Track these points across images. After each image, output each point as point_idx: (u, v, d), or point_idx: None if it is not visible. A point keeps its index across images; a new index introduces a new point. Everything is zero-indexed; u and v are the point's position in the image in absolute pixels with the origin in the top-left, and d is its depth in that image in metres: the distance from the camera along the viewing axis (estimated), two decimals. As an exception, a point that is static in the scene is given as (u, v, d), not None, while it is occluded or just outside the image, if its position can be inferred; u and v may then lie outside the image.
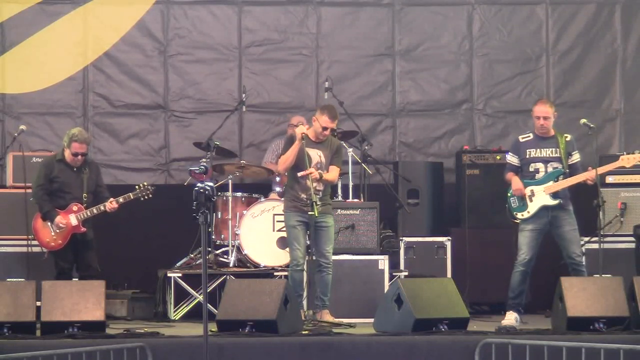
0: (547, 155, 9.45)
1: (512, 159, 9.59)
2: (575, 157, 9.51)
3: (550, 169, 9.42)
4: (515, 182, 9.45)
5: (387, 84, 11.87)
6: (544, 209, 9.35)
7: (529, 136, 9.59)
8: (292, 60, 11.79)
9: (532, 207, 9.38)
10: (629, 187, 10.69)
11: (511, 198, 9.48)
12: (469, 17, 11.91)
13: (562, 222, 9.35)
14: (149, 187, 9.74)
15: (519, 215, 9.43)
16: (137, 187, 9.73)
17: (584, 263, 9.36)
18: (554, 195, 9.35)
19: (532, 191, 9.39)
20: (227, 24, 11.75)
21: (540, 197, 9.37)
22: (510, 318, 9.33)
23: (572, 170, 9.45)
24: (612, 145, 11.65)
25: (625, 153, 9.71)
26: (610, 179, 10.68)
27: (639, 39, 11.93)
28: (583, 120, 9.87)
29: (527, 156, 9.47)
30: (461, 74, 11.91)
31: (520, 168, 9.52)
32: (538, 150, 9.47)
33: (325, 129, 9.26)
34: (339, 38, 11.83)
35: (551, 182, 9.38)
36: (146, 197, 9.71)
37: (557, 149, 9.43)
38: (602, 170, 9.48)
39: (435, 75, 11.90)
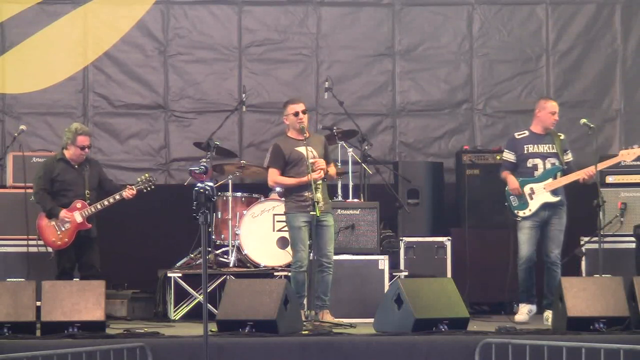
0: (545, 151, 9.53)
1: (508, 155, 9.67)
2: (569, 156, 9.62)
3: (548, 165, 9.49)
4: (511, 182, 9.53)
5: (387, 84, 11.87)
6: (545, 206, 9.41)
7: (524, 133, 9.69)
8: (292, 60, 11.80)
9: (534, 205, 9.45)
10: (629, 187, 10.70)
11: (510, 197, 9.54)
12: (469, 17, 11.91)
13: (554, 221, 9.48)
14: (151, 177, 9.76)
15: (521, 214, 9.51)
16: (139, 179, 9.75)
17: (559, 264, 9.45)
18: (554, 192, 9.42)
19: (531, 189, 9.45)
20: (227, 24, 11.76)
21: (541, 194, 9.43)
22: (523, 311, 9.51)
23: (568, 169, 9.55)
24: (612, 145, 11.65)
25: (624, 148, 9.78)
26: (610, 179, 10.70)
27: (639, 39, 11.93)
28: (583, 120, 9.89)
29: (525, 152, 9.55)
30: (461, 74, 11.91)
31: (517, 165, 9.58)
32: (536, 146, 9.55)
33: (296, 114, 9.29)
34: (339, 38, 11.83)
35: (550, 179, 9.45)
36: (149, 189, 9.72)
37: (554, 145, 9.51)
38: (602, 165, 9.52)
39: (435, 75, 11.90)
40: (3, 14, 11.44)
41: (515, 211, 9.54)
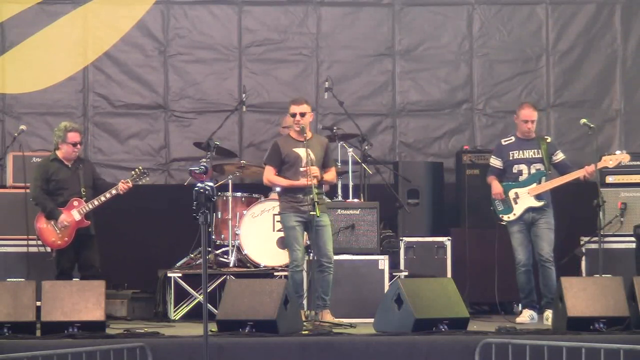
0: (530, 157, 9.64)
1: (495, 162, 9.81)
2: (560, 156, 9.69)
3: (533, 170, 9.60)
4: (495, 187, 9.69)
5: (387, 84, 11.87)
6: (529, 209, 9.49)
7: (511, 139, 9.80)
8: (292, 60, 11.79)
9: (518, 210, 9.58)
10: (629, 187, 10.70)
11: (495, 201, 9.64)
12: (469, 17, 11.91)
13: (541, 222, 9.57)
14: (145, 170, 9.78)
15: (505, 218, 9.66)
16: (132, 172, 9.78)
17: (552, 260, 9.50)
18: (538, 196, 9.50)
19: (516, 193, 9.58)
20: (227, 24, 11.75)
21: (525, 199, 9.54)
22: (525, 315, 9.57)
23: (563, 167, 9.67)
24: (612, 145, 11.64)
25: (607, 153, 9.82)
26: (610, 179, 10.70)
27: (639, 39, 11.93)
28: (583, 120, 9.92)
29: (511, 158, 9.67)
30: (461, 74, 11.91)
31: (504, 170, 9.68)
32: (521, 152, 9.66)
33: (294, 115, 9.27)
34: (339, 38, 11.83)
35: (534, 184, 9.54)
36: (143, 181, 9.75)
37: (539, 150, 9.60)
38: (590, 169, 9.51)
39: (435, 75, 11.90)
40: (3, 14, 11.44)
41: (500, 215, 9.66)
